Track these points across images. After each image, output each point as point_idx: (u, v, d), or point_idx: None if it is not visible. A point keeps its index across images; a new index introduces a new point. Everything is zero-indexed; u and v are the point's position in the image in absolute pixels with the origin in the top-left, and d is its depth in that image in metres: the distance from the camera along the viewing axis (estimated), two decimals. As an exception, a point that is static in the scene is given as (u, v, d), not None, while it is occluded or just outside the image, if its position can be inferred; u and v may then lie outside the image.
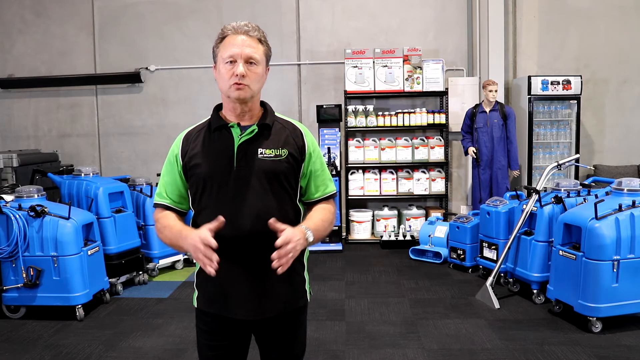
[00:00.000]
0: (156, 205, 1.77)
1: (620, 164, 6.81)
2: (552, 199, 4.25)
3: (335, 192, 1.84)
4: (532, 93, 6.27)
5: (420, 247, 5.73)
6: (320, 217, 1.73)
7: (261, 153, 1.66)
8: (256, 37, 1.65)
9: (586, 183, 4.56)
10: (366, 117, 6.59)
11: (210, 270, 1.49)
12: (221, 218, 1.55)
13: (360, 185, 6.62)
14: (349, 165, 6.61)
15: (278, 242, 1.50)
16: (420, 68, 6.54)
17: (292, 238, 1.52)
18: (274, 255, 1.50)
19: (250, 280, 1.67)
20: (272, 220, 1.53)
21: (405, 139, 6.68)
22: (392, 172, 6.67)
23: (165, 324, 3.96)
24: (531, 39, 6.83)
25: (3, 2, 7.23)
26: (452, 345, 3.50)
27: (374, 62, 6.53)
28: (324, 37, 6.93)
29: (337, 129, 6.64)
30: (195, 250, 1.51)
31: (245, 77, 1.61)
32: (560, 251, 3.82)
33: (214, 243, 1.48)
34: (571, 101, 6.40)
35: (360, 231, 6.58)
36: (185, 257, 5.50)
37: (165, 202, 1.75)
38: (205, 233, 1.50)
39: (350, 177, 6.62)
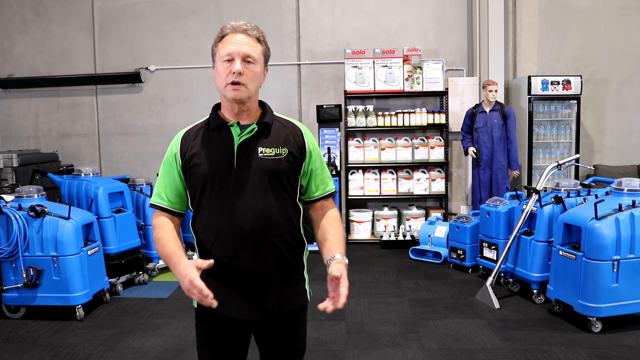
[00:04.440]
0: (153, 206, 1.76)
1: (620, 164, 6.81)
2: (552, 199, 4.25)
3: (334, 190, 1.84)
4: (532, 93, 6.27)
5: (420, 247, 5.73)
6: (339, 233, 1.78)
7: (261, 152, 1.65)
8: (255, 36, 1.65)
9: (586, 183, 4.56)
10: (366, 117, 6.59)
11: (211, 303, 1.51)
12: (211, 261, 1.57)
13: (360, 185, 6.62)
14: (349, 165, 6.61)
15: (341, 302, 1.66)
16: (420, 68, 6.54)
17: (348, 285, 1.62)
18: (331, 307, 1.65)
19: (250, 279, 1.67)
20: (332, 275, 1.65)
21: (405, 139, 6.68)
22: (392, 172, 6.67)
23: (165, 324, 3.96)
24: (531, 39, 6.83)
25: (3, 2, 7.23)
26: (452, 345, 3.50)
27: (374, 62, 6.53)
28: (324, 37, 6.93)
29: (337, 129, 6.64)
30: (189, 292, 1.53)
31: (242, 75, 1.60)
32: (560, 251, 3.82)
33: (199, 284, 1.49)
34: (571, 101, 6.40)
35: (360, 231, 6.57)
36: (185, 257, 5.50)
37: (163, 203, 1.74)
38: (193, 274, 1.50)
39: (350, 177, 6.61)
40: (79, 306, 4.02)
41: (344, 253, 1.69)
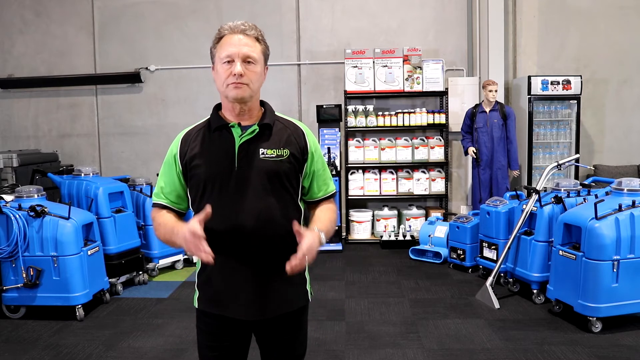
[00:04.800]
0: (154, 205, 1.77)
1: (620, 164, 6.81)
2: (552, 199, 4.25)
3: (335, 191, 1.85)
4: (532, 93, 6.26)
5: (420, 247, 5.73)
6: (327, 217, 1.75)
7: (262, 153, 1.65)
8: (253, 36, 1.64)
9: (586, 183, 4.56)
10: (366, 117, 6.59)
11: (208, 258, 1.47)
12: (208, 209, 1.53)
13: (360, 185, 6.62)
14: (349, 165, 6.60)
15: (300, 254, 1.50)
16: (420, 68, 6.54)
17: (313, 247, 1.53)
18: (293, 261, 1.50)
19: (251, 280, 1.67)
20: (295, 227, 1.55)
21: (405, 139, 6.68)
22: (392, 172, 6.67)
23: (165, 324, 3.96)
24: (531, 39, 6.83)
25: (3, 2, 7.23)
26: (452, 345, 3.50)
27: (374, 62, 6.52)
28: (324, 37, 6.93)
29: (337, 129, 6.64)
30: (187, 243, 1.49)
31: (243, 76, 1.60)
32: (560, 251, 3.82)
33: (200, 232, 1.45)
34: (571, 101, 6.40)
35: (360, 231, 6.58)
36: (185, 257, 5.50)
37: (163, 202, 1.75)
38: (193, 224, 1.47)
39: (350, 177, 6.61)
40: (79, 306, 4.02)
41: (323, 230, 1.63)
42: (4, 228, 3.98)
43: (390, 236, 6.38)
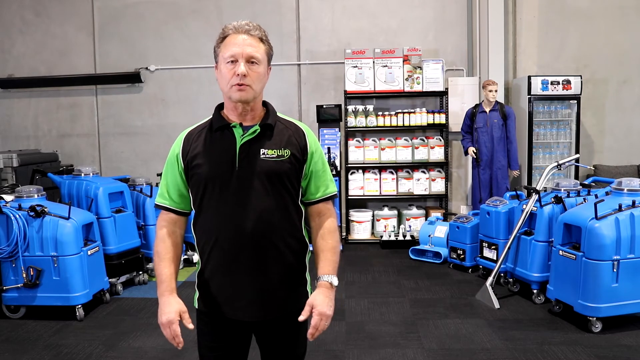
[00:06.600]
0: (157, 207, 1.77)
1: (620, 164, 6.81)
2: (552, 199, 4.25)
3: (335, 192, 1.81)
4: (532, 93, 6.26)
5: (420, 247, 5.73)
6: (331, 246, 1.75)
7: (263, 153, 1.64)
8: (257, 36, 1.64)
9: (586, 183, 4.56)
10: (366, 117, 6.59)
11: (178, 344, 1.67)
12: (191, 327, 1.69)
13: (360, 185, 6.62)
14: (349, 165, 6.61)
15: (311, 332, 1.66)
16: (420, 68, 6.54)
17: (324, 315, 1.68)
18: (310, 333, 1.66)
19: (251, 281, 1.67)
20: (301, 318, 1.65)
21: (405, 139, 6.68)
22: (392, 172, 6.67)
23: (165, 324, 3.95)
24: (531, 39, 6.83)
25: (3, 2, 7.23)
26: (452, 345, 3.50)
27: (374, 62, 6.52)
28: (324, 37, 6.93)
29: (337, 129, 6.65)
30: (163, 327, 1.67)
31: (246, 77, 1.60)
32: (560, 251, 3.82)
33: (181, 342, 1.66)
34: (571, 101, 6.40)
35: (360, 231, 6.57)
36: (185, 257, 5.49)
37: (166, 203, 1.75)
38: (176, 327, 1.65)
39: (350, 177, 6.61)
40: (79, 306, 4.02)
41: (331, 272, 1.71)
42: (4, 228, 3.98)
43: (390, 236, 6.38)
